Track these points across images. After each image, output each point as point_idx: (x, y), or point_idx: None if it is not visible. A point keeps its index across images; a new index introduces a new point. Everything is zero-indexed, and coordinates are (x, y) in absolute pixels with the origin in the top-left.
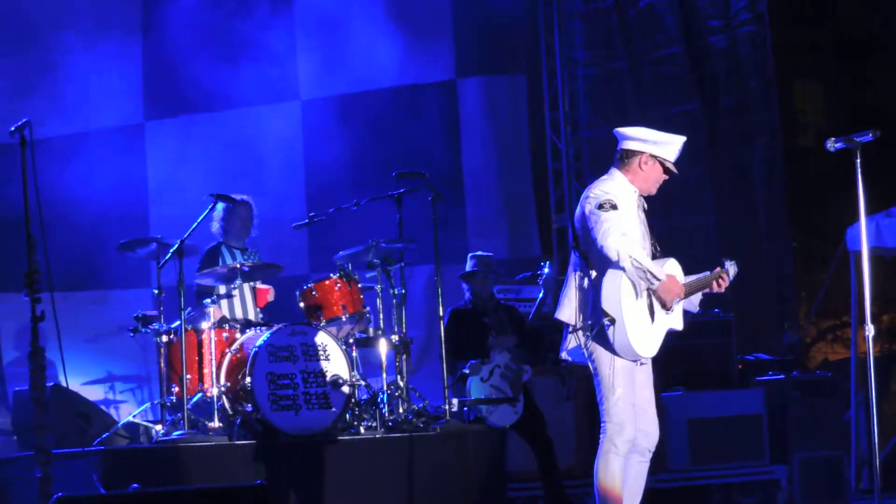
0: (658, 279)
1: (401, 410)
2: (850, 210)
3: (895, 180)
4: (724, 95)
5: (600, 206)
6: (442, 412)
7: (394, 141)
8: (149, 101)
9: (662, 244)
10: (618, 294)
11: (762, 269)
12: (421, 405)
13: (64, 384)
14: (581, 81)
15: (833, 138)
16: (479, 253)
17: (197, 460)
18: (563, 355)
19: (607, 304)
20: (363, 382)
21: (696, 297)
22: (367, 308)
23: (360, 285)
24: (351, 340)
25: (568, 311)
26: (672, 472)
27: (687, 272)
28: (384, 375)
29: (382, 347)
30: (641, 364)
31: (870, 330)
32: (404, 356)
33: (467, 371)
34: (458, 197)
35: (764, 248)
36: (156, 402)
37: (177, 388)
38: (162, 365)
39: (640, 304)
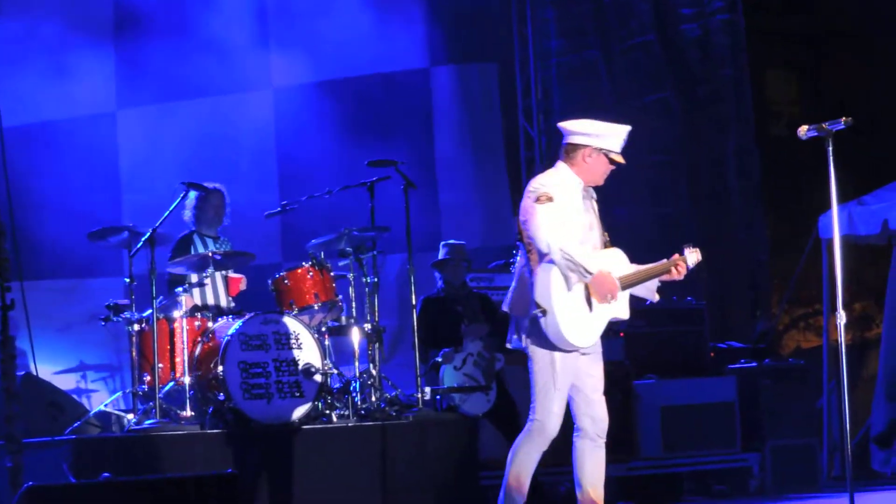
0: (589, 273)
1: (373, 399)
2: (822, 198)
3: (867, 168)
4: (698, 84)
5: (537, 199)
6: (414, 400)
7: (366, 129)
8: (121, 89)
9: (636, 232)
10: (549, 286)
11: (735, 256)
12: (393, 394)
13: (35, 373)
14: (554, 70)
15: (805, 126)
16: (452, 241)
17: (169, 449)
18: (509, 345)
19: (539, 295)
20: (335, 371)
21: (653, 284)
22: (340, 296)
23: (332, 273)
24: (323, 329)
25: (514, 303)
26: (644, 459)
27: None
28: (356, 364)
29: (355, 336)
30: (584, 354)
31: (841, 317)
32: (377, 344)
33: (440, 359)
34: (430, 185)
35: (737, 236)
36: (127, 390)
37: (148, 377)
38: (134, 354)
39: (574, 294)
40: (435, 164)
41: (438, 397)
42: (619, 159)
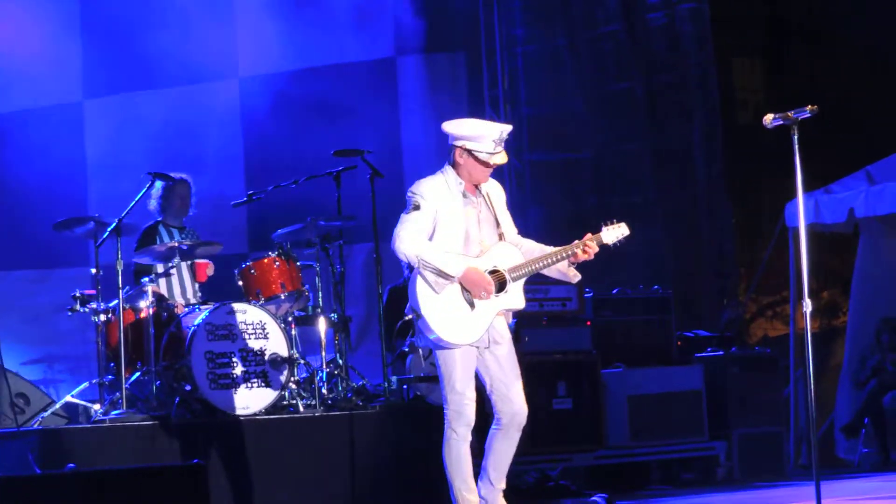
0: (450, 275)
1: (340, 389)
2: (788, 186)
3: (834, 157)
4: (664, 72)
5: (406, 210)
6: (381, 390)
7: (332, 119)
8: (87, 79)
9: (604, 222)
10: (416, 291)
11: (701, 245)
12: (360, 383)
13: (0, 364)
14: (520, 59)
15: (770, 115)
16: None
17: (135, 440)
18: (416, 344)
19: (412, 300)
20: (302, 361)
21: (563, 266)
22: (306, 286)
23: (298, 263)
24: (290, 319)
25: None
26: (612, 448)
27: (625, 250)
28: (323, 354)
29: (321, 325)
30: (487, 349)
31: (807, 305)
32: (343, 334)
33: (407, 349)
34: (397, 175)
35: (703, 224)
36: (94, 381)
37: (115, 367)
38: (100, 344)
39: (447, 295)
40: (401, 154)
41: (405, 387)
42: (492, 160)
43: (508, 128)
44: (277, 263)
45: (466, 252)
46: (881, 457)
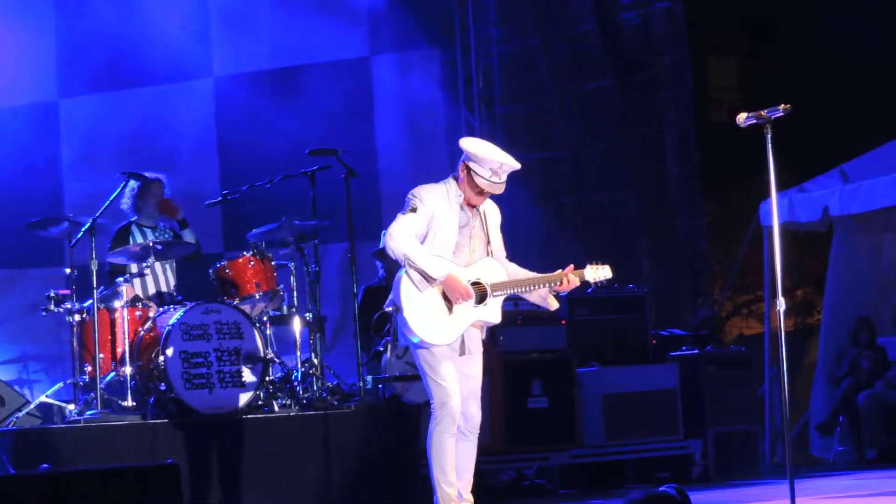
0: (434, 278)
1: (315, 388)
2: (763, 185)
3: (808, 155)
4: (637, 71)
5: (403, 210)
6: (356, 389)
7: (307, 118)
8: (62, 78)
9: (580, 220)
10: (400, 286)
11: (676, 244)
12: (335, 383)
13: None
14: (495, 58)
15: (744, 114)
16: None
17: (110, 440)
18: (399, 342)
19: (394, 293)
20: (277, 360)
21: (544, 292)
22: (281, 286)
23: (273, 263)
24: (265, 318)
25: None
26: (586, 447)
27: (601, 250)
28: (298, 353)
29: (296, 325)
30: (464, 355)
31: (781, 304)
32: (318, 334)
33: (382, 348)
34: (371, 174)
35: (677, 223)
36: (69, 381)
37: (90, 368)
38: (75, 344)
39: (428, 296)
40: (376, 154)
41: (380, 386)
42: (483, 185)
43: (514, 164)
44: (252, 263)
45: (455, 261)
46: (856, 455)
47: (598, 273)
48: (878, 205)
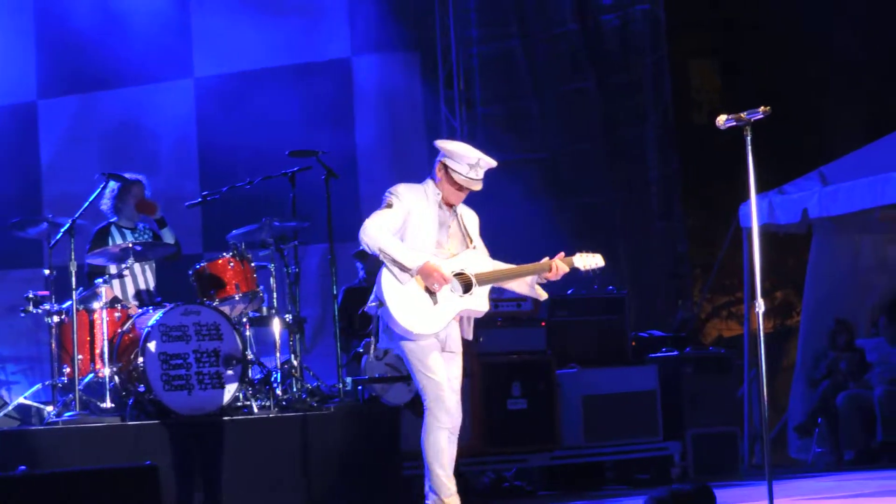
0: (408, 267)
1: (294, 389)
2: (743, 187)
3: (788, 157)
4: (618, 73)
5: (380, 206)
6: (336, 391)
7: (288, 119)
8: (42, 79)
9: (559, 221)
10: (382, 282)
11: (655, 246)
12: (315, 384)
13: None
14: (476, 59)
15: (723, 116)
16: None
17: (89, 441)
18: (380, 344)
19: (377, 289)
20: (257, 362)
21: (532, 281)
22: (261, 287)
23: (253, 264)
24: (244, 319)
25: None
26: (566, 448)
27: (580, 251)
28: (278, 354)
29: (276, 326)
30: (444, 351)
31: (760, 306)
32: (298, 335)
33: (361, 350)
34: (351, 175)
35: (657, 225)
36: (47, 382)
37: (68, 369)
38: (53, 345)
39: (410, 288)
40: (356, 155)
41: (360, 387)
42: (462, 181)
43: (491, 161)
44: (232, 264)
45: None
46: (834, 456)
47: (589, 261)
48: (856, 207)
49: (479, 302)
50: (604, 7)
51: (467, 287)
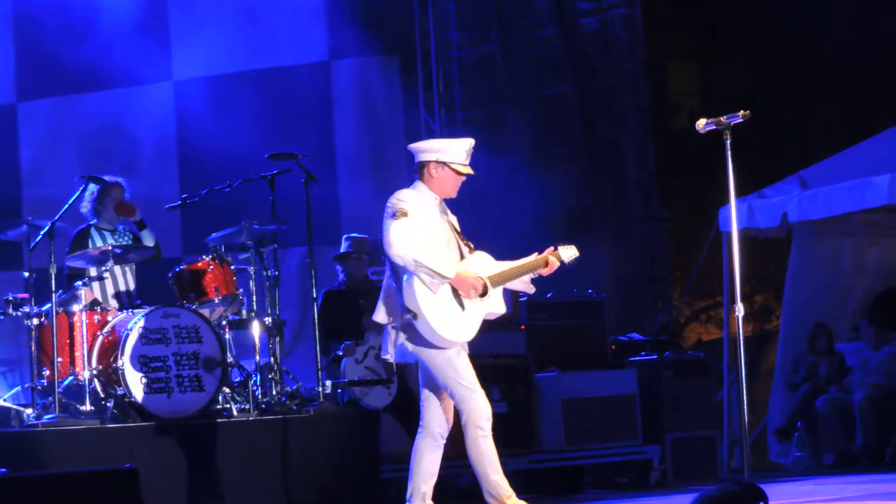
0: (445, 277)
1: (274, 393)
2: (722, 191)
3: (767, 161)
4: (597, 77)
5: (393, 216)
6: (315, 394)
7: (267, 122)
8: (21, 81)
9: (539, 226)
10: (414, 292)
11: (635, 249)
12: (294, 387)
13: None
14: (455, 63)
15: (703, 120)
16: (355, 234)
17: (68, 444)
18: (387, 357)
19: (408, 302)
20: (236, 365)
21: (527, 278)
22: (241, 290)
23: (232, 267)
24: (224, 322)
25: (381, 312)
26: (546, 452)
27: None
28: (257, 357)
29: (255, 329)
30: (458, 355)
31: (740, 310)
32: (277, 338)
33: (341, 353)
34: (331, 178)
35: (636, 228)
36: (27, 385)
37: (48, 372)
38: (33, 348)
39: (441, 296)
40: (335, 158)
41: (339, 391)
42: (464, 170)
43: (473, 141)
44: (211, 267)
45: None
46: (814, 460)
47: (570, 252)
48: (836, 211)
49: (496, 304)
50: (583, 11)
51: (484, 290)
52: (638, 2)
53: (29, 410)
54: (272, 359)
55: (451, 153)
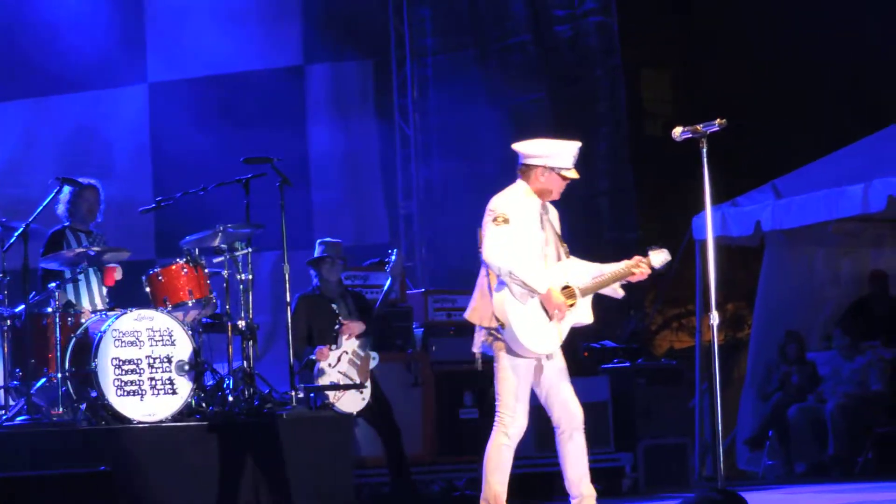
0: (537, 292)
1: (247, 396)
2: (696, 199)
3: (741, 170)
4: (571, 84)
5: (494, 220)
6: (288, 398)
7: (241, 126)
8: None
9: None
10: (504, 302)
11: (608, 257)
12: (267, 391)
13: None
14: (430, 68)
15: (679, 128)
16: (328, 239)
17: (40, 446)
18: (476, 350)
19: (498, 310)
20: (209, 368)
21: (616, 284)
22: (214, 293)
23: (206, 270)
24: (197, 326)
25: (473, 311)
26: (517, 458)
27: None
28: (230, 361)
29: (229, 333)
30: (548, 359)
31: (714, 318)
32: (251, 342)
33: (314, 357)
34: (304, 182)
35: (609, 236)
36: None
37: (21, 373)
38: (5, 349)
39: (531, 307)
40: (309, 162)
41: (312, 395)
42: (572, 175)
43: (580, 144)
44: (185, 270)
45: (540, 264)
46: (785, 469)
47: (662, 256)
48: (809, 220)
49: (584, 314)
50: (558, 17)
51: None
52: (614, 9)
53: (1, 412)
54: (245, 362)
55: (560, 159)
